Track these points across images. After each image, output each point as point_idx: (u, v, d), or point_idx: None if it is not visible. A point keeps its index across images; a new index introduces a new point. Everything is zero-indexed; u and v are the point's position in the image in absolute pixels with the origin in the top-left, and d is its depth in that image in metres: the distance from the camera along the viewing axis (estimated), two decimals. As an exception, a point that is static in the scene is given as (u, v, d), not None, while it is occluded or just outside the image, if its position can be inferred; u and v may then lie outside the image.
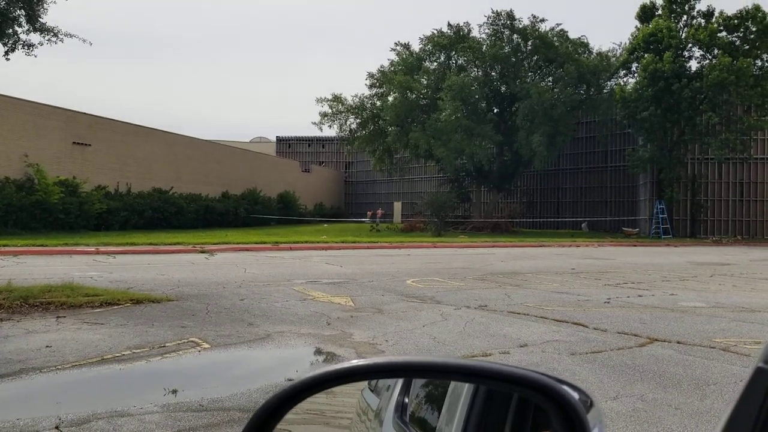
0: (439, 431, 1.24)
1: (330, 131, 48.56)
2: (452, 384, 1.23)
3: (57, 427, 3.88)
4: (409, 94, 41.37)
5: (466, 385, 1.15)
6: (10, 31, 20.17)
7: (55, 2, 20.61)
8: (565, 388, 0.86)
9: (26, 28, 20.51)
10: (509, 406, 1.04)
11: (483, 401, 1.10)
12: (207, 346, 6.35)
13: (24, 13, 20.11)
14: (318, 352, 6.36)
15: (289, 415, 1.20)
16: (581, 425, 0.81)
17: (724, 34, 35.86)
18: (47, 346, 6.13)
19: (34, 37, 21.17)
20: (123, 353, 5.94)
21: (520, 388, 0.91)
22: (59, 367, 5.43)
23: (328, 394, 1.38)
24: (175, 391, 4.73)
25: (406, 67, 42.63)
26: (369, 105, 45.26)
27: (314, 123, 62.27)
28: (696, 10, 37.18)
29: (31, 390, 4.94)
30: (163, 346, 6.27)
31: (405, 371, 1.07)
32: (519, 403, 1.02)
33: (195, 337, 6.68)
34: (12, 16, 19.97)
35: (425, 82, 41.93)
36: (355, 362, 0.93)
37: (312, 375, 0.92)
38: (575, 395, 0.87)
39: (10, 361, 5.53)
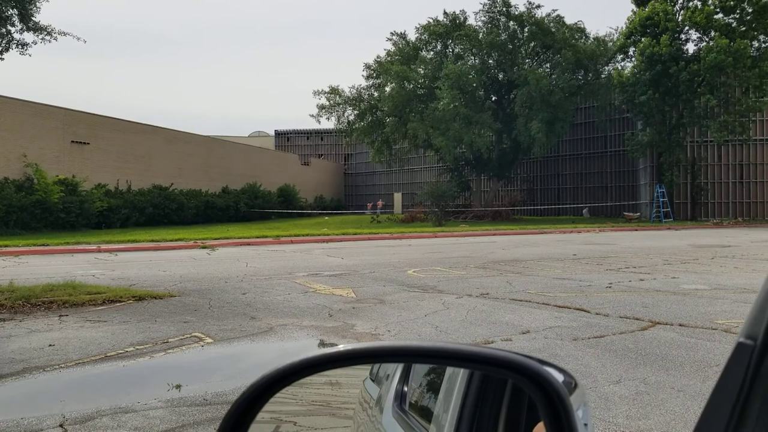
0: (436, 418, 1.24)
1: (328, 123, 48.66)
2: (448, 372, 1.23)
3: (61, 425, 3.89)
4: (406, 84, 41.25)
5: (461, 372, 1.15)
6: (4, 30, 20.11)
7: (48, 0, 20.51)
8: (548, 369, 0.85)
9: (19, 27, 20.43)
10: (504, 391, 1.04)
11: (477, 388, 1.10)
12: (210, 340, 6.36)
13: (17, 12, 20.03)
14: (320, 344, 6.37)
15: (294, 407, 1.21)
16: (563, 407, 0.81)
17: (720, 15, 35.69)
18: (50, 345, 6.14)
19: (28, 36, 21.12)
20: (126, 350, 5.96)
21: (501, 370, 0.90)
22: (62, 365, 5.44)
23: (333, 386, 1.39)
24: (178, 386, 4.74)
25: (403, 56, 42.51)
26: (366, 96, 45.16)
27: (312, 116, 62.06)
28: (692, -8, 37.04)
29: (34, 389, 4.95)
30: (166, 342, 6.28)
31: (382, 356, 1.05)
32: (513, 390, 1.02)
33: (198, 332, 6.69)
34: (5, 15, 19.90)
35: (422, 72, 41.80)
36: (328, 350, 0.93)
37: (292, 362, 0.91)
38: (559, 377, 0.87)
39: (13, 361, 5.55)
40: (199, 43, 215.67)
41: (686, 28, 36.39)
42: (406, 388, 1.39)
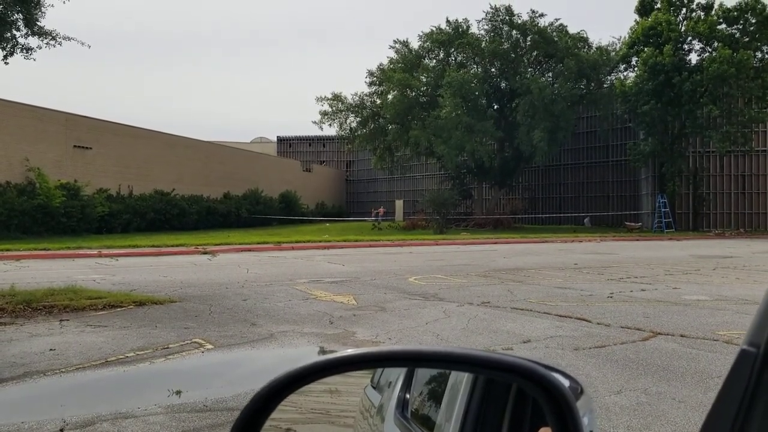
0: (439, 426, 1.24)
1: (330, 130, 48.56)
2: (451, 379, 1.23)
3: (62, 430, 3.89)
4: (408, 91, 41.32)
5: (464, 380, 1.15)
6: (9, 35, 20.17)
7: (53, 5, 20.59)
8: (555, 375, 0.85)
9: (24, 31, 20.49)
10: (507, 400, 1.04)
11: (480, 396, 1.10)
12: (210, 346, 6.36)
13: (22, 16, 20.10)
14: (321, 351, 6.36)
15: (293, 415, 1.21)
16: (570, 412, 0.81)
17: (723, 26, 35.78)
18: (51, 350, 6.14)
19: (33, 41, 21.16)
20: (127, 355, 5.95)
21: (509, 375, 0.90)
22: (63, 370, 5.44)
23: (333, 394, 1.38)
24: (179, 392, 4.74)
25: (406, 64, 42.59)
26: (369, 103, 45.21)
27: (314, 122, 62.26)
28: (695, 3, 37.07)
29: (35, 393, 4.95)
30: (167, 348, 6.28)
31: (389, 361, 1.05)
32: (516, 398, 1.02)
33: (198, 338, 6.69)
34: (10, 20, 19.96)
35: (424, 80, 41.89)
36: (344, 353, 0.93)
37: (308, 363, 0.91)
38: (565, 382, 0.87)
39: (14, 365, 5.54)
40: (201, 49, 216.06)
41: (689, 38, 36.45)
42: (408, 396, 1.39)
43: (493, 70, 41.26)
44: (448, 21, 42.57)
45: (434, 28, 42.78)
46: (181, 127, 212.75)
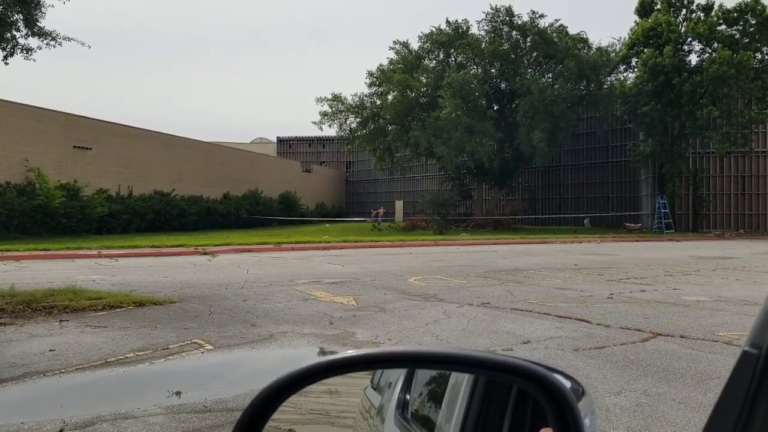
0: (439, 427, 1.24)
1: (330, 131, 48.52)
2: (452, 380, 1.23)
3: (62, 431, 3.89)
4: (408, 92, 41.31)
5: (465, 380, 1.15)
6: (9, 35, 20.17)
7: (53, 6, 20.58)
8: (556, 376, 0.85)
9: (24, 32, 20.50)
10: (507, 401, 1.04)
11: (481, 397, 1.10)
12: (210, 347, 6.36)
13: (22, 17, 20.10)
14: (321, 352, 6.36)
15: (293, 416, 1.21)
16: (572, 413, 0.81)
17: (723, 27, 35.77)
18: (51, 350, 6.14)
19: (33, 41, 21.15)
20: (126, 356, 5.95)
21: (510, 376, 0.90)
22: (63, 370, 5.44)
23: (332, 394, 1.38)
24: (178, 393, 4.74)
25: (406, 65, 42.58)
26: (369, 104, 45.19)
27: (314, 122, 62.26)
28: (695, 4, 37.07)
29: (35, 394, 4.95)
30: (167, 348, 6.28)
31: (391, 362, 1.05)
32: (517, 399, 1.02)
33: (198, 339, 6.69)
34: (10, 20, 19.97)
35: (424, 80, 41.88)
36: (333, 356, 0.93)
37: (311, 364, 0.91)
38: (567, 383, 0.87)
39: (14, 365, 5.54)
40: (201, 48, 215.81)
41: (689, 39, 36.44)
42: (408, 397, 1.39)
43: (493, 70, 41.26)
44: (448, 21, 42.56)
45: (434, 29, 42.77)
46: (181, 127, 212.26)
